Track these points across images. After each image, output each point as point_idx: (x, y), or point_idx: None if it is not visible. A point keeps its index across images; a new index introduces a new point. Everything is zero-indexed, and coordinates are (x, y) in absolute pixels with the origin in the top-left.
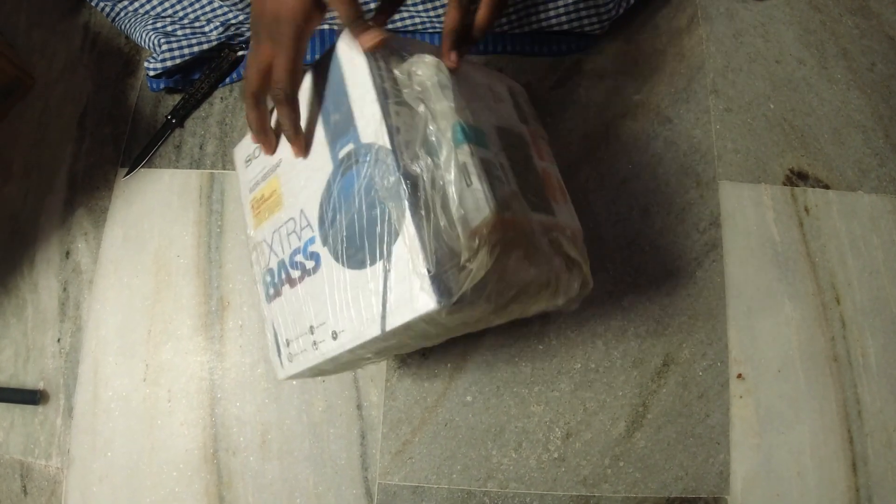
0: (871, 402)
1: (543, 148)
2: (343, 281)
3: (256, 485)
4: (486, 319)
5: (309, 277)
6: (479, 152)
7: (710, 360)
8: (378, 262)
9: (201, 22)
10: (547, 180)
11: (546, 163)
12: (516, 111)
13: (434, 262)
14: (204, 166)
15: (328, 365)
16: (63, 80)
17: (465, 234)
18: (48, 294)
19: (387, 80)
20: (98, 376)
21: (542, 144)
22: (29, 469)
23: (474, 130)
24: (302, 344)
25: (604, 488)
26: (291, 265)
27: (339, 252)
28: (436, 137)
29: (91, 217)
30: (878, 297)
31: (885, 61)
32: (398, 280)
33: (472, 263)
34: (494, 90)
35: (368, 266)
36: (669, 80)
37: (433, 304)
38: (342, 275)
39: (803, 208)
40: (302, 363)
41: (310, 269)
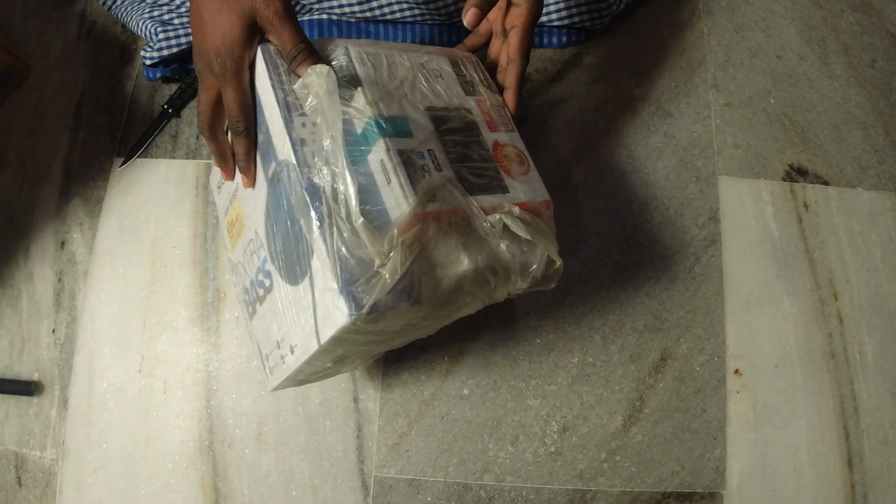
0: (867, 398)
1: (498, 117)
2: (287, 297)
3: (252, 477)
4: (436, 317)
5: (268, 294)
6: (397, 144)
7: (707, 356)
8: (306, 277)
9: None
10: (498, 153)
11: (501, 133)
12: (461, 84)
13: (341, 274)
14: (200, 156)
15: (301, 375)
16: (59, 69)
17: (370, 241)
18: (43, 284)
19: (289, 93)
20: (93, 367)
21: (496, 113)
22: (24, 460)
23: (392, 122)
24: (275, 358)
25: (600, 482)
26: (257, 284)
27: (280, 269)
28: (331, 146)
29: (87, 207)
30: (876, 294)
31: (887, 58)
32: (321, 294)
33: (385, 269)
34: (429, 68)
35: (300, 282)
36: (670, 74)
37: (345, 317)
38: (286, 291)
39: (802, 204)
40: (279, 375)
41: (267, 286)
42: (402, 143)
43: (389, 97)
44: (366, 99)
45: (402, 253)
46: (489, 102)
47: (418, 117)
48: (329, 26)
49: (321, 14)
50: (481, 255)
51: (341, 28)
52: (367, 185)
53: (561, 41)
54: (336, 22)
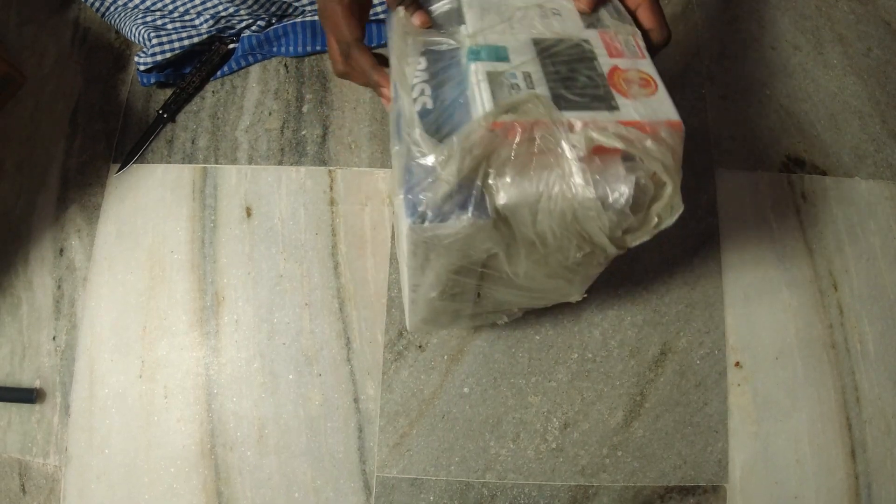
0: (869, 388)
1: (626, 46)
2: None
3: (254, 480)
4: (533, 257)
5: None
6: (488, 67)
7: (707, 349)
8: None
9: (191, 15)
10: (615, 78)
11: (625, 59)
12: (582, 19)
13: (405, 180)
14: (196, 161)
15: (422, 308)
16: (54, 76)
17: (429, 147)
18: (43, 292)
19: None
20: (94, 373)
21: (624, 43)
22: (27, 468)
23: (487, 49)
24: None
25: (602, 478)
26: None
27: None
28: (398, 77)
29: (84, 214)
30: (876, 283)
31: (882, 46)
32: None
33: (443, 173)
34: (546, 7)
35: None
36: (665, 66)
37: (407, 221)
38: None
39: (800, 195)
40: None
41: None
42: (495, 65)
43: (491, 30)
44: (466, 33)
45: (460, 159)
46: (615, 33)
47: (520, 46)
48: (321, 28)
49: (313, 16)
50: (555, 178)
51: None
52: (463, 107)
53: None
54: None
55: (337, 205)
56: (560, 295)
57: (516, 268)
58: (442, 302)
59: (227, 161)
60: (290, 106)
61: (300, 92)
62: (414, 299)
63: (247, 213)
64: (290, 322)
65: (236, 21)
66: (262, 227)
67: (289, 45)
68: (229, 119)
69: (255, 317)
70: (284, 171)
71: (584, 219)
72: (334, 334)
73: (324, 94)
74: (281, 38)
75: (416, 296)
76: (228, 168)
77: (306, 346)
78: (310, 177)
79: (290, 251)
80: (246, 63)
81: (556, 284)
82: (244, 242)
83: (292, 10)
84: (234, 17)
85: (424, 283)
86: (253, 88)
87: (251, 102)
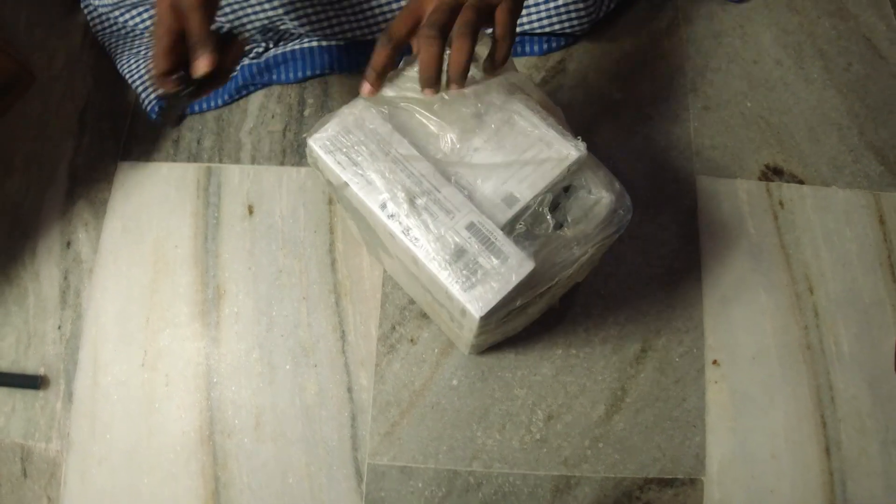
0: (844, 388)
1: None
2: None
3: (251, 465)
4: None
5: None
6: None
7: (686, 347)
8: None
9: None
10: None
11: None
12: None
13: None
14: (201, 160)
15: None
16: (63, 77)
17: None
18: (49, 283)
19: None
20: (98, 362)
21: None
22: (29, 452)
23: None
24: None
25: (584, 468)
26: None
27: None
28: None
29: (91, 209)
30: (852, 288)
31: (862, 62)
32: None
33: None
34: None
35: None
36: (650, 79)
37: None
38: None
39: (778, 202)
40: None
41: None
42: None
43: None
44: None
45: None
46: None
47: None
48: (320, 53)
49: (311, 41)
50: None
51: (332, 53)
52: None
53: (542, 48)
54: (327, 48)
55: (335, 204)
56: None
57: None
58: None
59: (231, 161)
60: (293, 110)
61: (302, 97)
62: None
63: (248, 211)
64: (289, 315)
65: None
66: (263, 225)
67: (287, 72)
68: (233, 121)
69: (255, 310)
70: (286, 172)
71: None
72: (330, 327)
73: (325, 99)
74: (280, 66)
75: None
76: (232, 168)
77: (303, 338)
78: (310, 177)
79: (290, 248)
80: (246, 92)
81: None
82: (245, 239)
83: (289, 35)
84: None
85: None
86: (257, 92)
87: (255, 106)
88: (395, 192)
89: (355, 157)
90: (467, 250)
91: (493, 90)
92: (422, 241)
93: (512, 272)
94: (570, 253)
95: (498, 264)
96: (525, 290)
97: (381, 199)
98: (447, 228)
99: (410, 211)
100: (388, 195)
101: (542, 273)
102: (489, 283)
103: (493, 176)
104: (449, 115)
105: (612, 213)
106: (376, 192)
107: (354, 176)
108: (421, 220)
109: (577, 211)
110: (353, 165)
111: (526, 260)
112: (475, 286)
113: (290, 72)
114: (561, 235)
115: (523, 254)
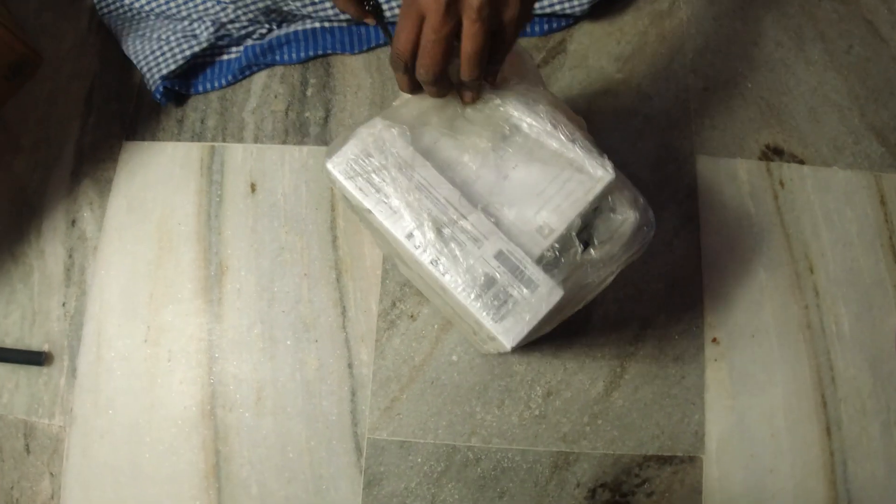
0: (844, 368)
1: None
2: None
3: (251, 439)
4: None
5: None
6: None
7: (685, 325)
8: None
9: (192, 19)
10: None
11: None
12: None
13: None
14: (205, 139)
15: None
16: (71, 59)
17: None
18: (54, 260)
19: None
20: (101, 338)
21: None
22: (32, 428)
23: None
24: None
25: (582, 445)
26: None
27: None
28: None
29: (96, 187)
30: (852, 267)
31: (863, 44)
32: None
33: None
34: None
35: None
36: (651, 60)
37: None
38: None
39: (778, 182)
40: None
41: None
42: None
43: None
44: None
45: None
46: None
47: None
48: (322, 34)
49: (314, 23)
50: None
51: (334, 34)
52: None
53: (543, 29)
54: (329, 29)
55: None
56: None
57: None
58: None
59: (234, 140)
60: (295, 90)
61: (305, 77)
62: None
63: (251, 189)
64: (290, 291)
65: (236, 28)
66: (266, 202)
67: (291, 52)
68: (237, 101)
69: (257, 286)
70: (288, 151)
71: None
72: (331, 303)
73: (327, 80)
74: (283, 46)
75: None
76: (235, 146)
77: (304, 313)
78: (312, 156)
79: (292, 225)
80: (249, 73)
81: None
82: (248, 216)
83: (292, 17)
84: (235, 23)
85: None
86: (260, 73)
87: (258, 86)
88: (422, 222)
89: (377, 182)
90: (497, 280)
91: (515, 105)
92: (451, 271)
93: (542, 301)
94: (598, 274)
95: (528, 294)
96: (554, 315)
97: (408, 229)
98: (476, 258)
99: (437, 240)
100: (415, 224)
101: (570, 298)
102: (520, 314)
103: (521, 201)
104: (474, 136)
105: (637, 230)
106: (402, 221)
107: (378, 204)
108: (448, 249)
109: (603, 232)
110: (375, 192)
111: (555, 288)
112: (506, 317)
113: (293, 52)
114: (588, 259)
115: (552, 282)
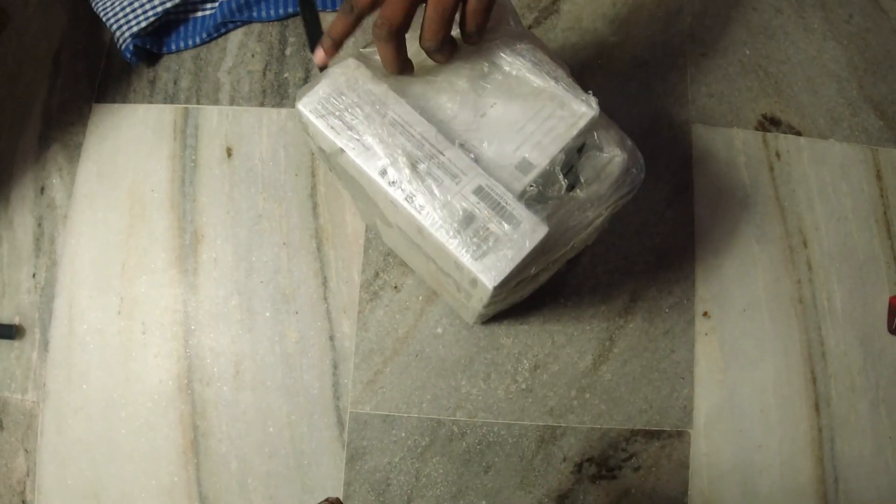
0: (835, 344)
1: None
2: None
3: (230, 414)
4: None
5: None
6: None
7: (676, 298)
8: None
9: None
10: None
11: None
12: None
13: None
14: (178, 101)
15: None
16: (38, 16)
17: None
18: (23, 230)
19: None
20: (73, 310)
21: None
22: (5, 404)
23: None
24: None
25: (570, 419)
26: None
27: None
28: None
29: (65, 152)
30: (846, 242)
31: (863, 14)
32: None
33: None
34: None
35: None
36: (647, 23)
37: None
38: None
39: (774, 153)
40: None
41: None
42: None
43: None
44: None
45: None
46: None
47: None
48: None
49: None
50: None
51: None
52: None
53: None
54: None
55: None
56: None
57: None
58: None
59: (209, 102)
60: (273, 49)
61: (283, 35)
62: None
63: (227, 154)
64: (269, 261)
65: None
66: (243, 168)
67: (269, 8)
68: (212, 60)
69: (234, 255)
70: (266, 113)
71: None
72: (311, 273)
73: (307, 38)
74: (261, 2)
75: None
76: (210, 108)
77: (284, 284)
78: (291, 119)
79: (270, 191)
80: (225, 30)
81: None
82: (224, 182)
83: None
84: None
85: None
86: (236, 30)
87: (234, 44)
88: (396, 157)
89: (350, 120)
90: (476, 216)
91: (496, 43)
92: (427, 208)
93: (525, 238)
94: (584, 215)
95: (510, 230)
96: (539, 256)
97: (381, 166)
98: (454, 194)
99: (413, 177)
100: (388, 161)
101: (556, 238)
102: (501, 251)
103: (500, 138)
104: (451, 76)
105: (625, 172)
106: (375, 158)
107: (350, 141)
108: (425, 185)
109: (589, 171)
110: (347, 130)
111: (539, 224)
112: (486, 254)
113: (272, 8)
114: (574, 197)
115: (536, 218)
